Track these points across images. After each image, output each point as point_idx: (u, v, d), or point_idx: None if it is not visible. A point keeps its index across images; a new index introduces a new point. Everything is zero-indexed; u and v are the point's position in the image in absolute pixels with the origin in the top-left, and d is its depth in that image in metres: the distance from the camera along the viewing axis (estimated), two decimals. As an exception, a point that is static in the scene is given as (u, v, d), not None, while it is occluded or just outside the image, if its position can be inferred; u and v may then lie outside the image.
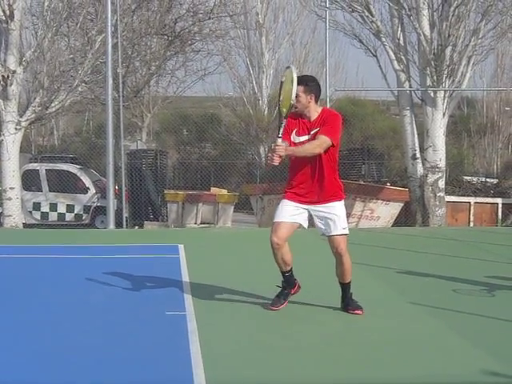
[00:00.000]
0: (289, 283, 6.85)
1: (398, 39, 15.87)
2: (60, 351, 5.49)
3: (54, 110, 15.84)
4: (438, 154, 15.71)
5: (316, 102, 6.56)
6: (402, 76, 15.95)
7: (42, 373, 4.99)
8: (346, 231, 6.57)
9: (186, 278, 8.35)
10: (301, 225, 6.60)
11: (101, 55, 15.92)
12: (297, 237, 6.78)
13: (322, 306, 6.84)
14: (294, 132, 6.51)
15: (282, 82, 6.41)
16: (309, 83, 6.53)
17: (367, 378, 4.97)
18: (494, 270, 9.19)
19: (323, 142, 6.36)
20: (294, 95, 6.18)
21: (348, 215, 16.34)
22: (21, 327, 6.18)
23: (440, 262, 10.13)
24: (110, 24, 14.62)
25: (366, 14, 15.61)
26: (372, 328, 6.26)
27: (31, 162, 22.55)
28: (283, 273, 6.75)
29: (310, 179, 6.53)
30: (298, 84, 6.31)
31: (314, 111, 6.53)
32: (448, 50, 15.31)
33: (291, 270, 6.75)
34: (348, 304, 6.75)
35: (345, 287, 6.76)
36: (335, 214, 6.52)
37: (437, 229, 15.08)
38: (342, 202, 6.63)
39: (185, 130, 29.28)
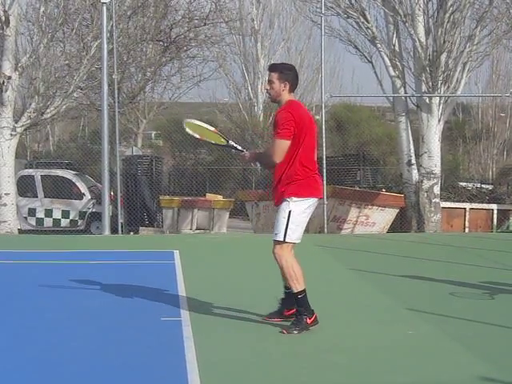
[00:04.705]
0: (284, 301, 6.44)
1: (394, 45, 15.90)
2: (55, 357, 5.47)
3: (49, 115, 15.85)
4: (434, 160, 15.72)
5: (290, 91, 6.23)
6: (398, 82, 15.99)
7: (37, 379, 4.97)
8: (277, 237, 6.08)
9: (181, 283, 8.33)
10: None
11: (96, 61, 15.93)
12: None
13: (317, 312, 6.82)
14: None
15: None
16: (284, 71, 6.23)
17: (363, 384, 4.98)
18: (490, 275, 9.21)
19: (275, 147, 6.08)
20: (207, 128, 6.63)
21: (343, 221, 16.47)
22: (15, 333, 6.16)
23: (435, 267, 10.13)
24: (105, 30, 14.63)
25: (362, 20, 15.65)
26: (367, 334, 6.25)
27: (26, 168, 22.52)
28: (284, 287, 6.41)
29: (273, 180, 6.33)
30: (274, 71, 6.23)
31: (283, 101, 6.20)
32: (443, 56, 15.35)
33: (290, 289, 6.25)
34: (291, 322, 6.22)
35: (295, 298, 6.16)
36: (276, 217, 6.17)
37: (432, 235, 15.09)
38: (289, 202, 6.06)
39: (179, 135, 29.32)
